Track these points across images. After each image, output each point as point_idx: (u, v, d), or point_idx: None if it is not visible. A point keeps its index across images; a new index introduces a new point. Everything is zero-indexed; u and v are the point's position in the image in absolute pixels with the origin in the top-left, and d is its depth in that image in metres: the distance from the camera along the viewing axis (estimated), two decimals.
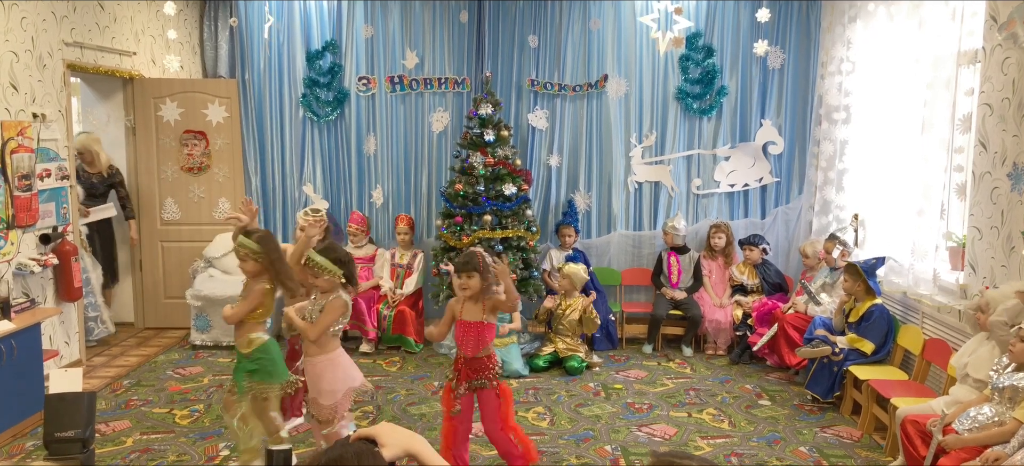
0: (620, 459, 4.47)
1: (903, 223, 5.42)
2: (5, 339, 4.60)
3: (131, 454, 4.38)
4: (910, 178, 5.28)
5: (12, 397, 4.62)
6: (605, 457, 4.50)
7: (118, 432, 4.79)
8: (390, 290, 6.67)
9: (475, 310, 3.88)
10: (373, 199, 7.20)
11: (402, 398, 5.44)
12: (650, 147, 7.09)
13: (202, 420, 4.99)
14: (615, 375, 6.00)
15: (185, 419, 5.01)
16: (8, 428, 4.64)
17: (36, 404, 4.81)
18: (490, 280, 3.84)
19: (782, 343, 5.86)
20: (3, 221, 5.06)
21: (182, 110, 6.97)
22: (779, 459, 4.47)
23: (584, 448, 4.62)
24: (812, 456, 4.53)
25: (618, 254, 7.19)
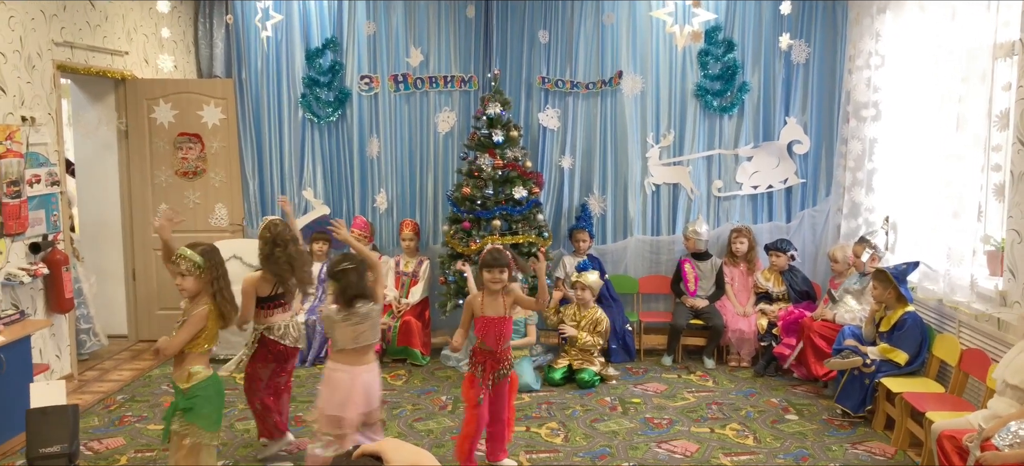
0: None
1: (937, 226, 5.39)
2: None
3: None
4: (944, 178, 5.26)
5: (1, 413, 4.66)
6: None
7: (111, 450, 4.82)
8: (395, 299, 6.69)
9: (498, 305, 4.27)
10: (376, 204, 7.22)
11: (408, 413, 5.45)
12: (668, 147, 7.09)
13: None
14: (633, 388, 6.00)
15: None
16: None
17: None
18: (514, 277, 4.33)
19: (810, 354, 5.84)
20: None
21: (176, 112, 7.03)
22: None
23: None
24: None
25: (635, 260, 7.19)
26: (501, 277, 4.26)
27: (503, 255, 4.28)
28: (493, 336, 4.29)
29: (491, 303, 4.29)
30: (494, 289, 4.26)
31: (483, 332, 4.31)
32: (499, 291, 4.27)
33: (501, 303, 4.29)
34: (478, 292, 4.39)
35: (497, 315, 4.29)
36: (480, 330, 4.32)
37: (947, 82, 5.29)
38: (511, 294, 4.31)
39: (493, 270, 4.24)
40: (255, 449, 4.81)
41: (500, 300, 4.29)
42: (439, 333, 7.15)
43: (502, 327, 4.30)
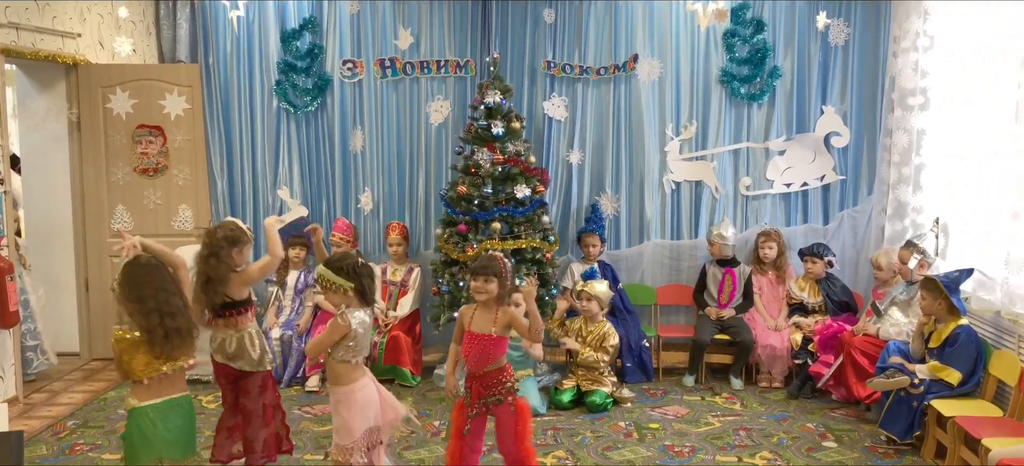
0: None
1: (994, 229, 5.39)
2: None
3: None
4: (1002, 175, 5.25)
5: None
6: None
7: None
8: (382, 312, 6.69)
9: (485, 320, 4.13)
10: (360, 205, 7.23)
11: (397, 441, 5.44)
12: (689, 140, 7.09)
13: None
14: (650, 412, 5.99)
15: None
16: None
17: None
18: (508, 288, 4.13)
19: (850, 373, 5.84)
20: None
21: (135, 101, 7.03)
22: None
23: None
24: None
25: (652, 268, 7.19)
26: (487, 287, 4.11)
27: (493, 262, 4.15)
28: (474, 355, 4.13)
29: (479, 316, 4.17)
30: (479, 299, 4.15)
31: (466, 350, 4.18)
32: (490, 304, 4.14)
33: (491, 318, 4.15)
34: (473, 304, 4.27)
35: (482, 332, 4.13)
36: (464, 347, 4.21)
37: (1005, 66, 5.29)
38: (506, 312, 4.16)
39: (478, 278, 4.12)
40: None
41: (491, 315, 4.15)
42: (431, 350, 7.15)
43: (485, 347, 4.11)
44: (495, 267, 4.11)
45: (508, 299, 4.19)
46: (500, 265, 4.14)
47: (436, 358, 7.01)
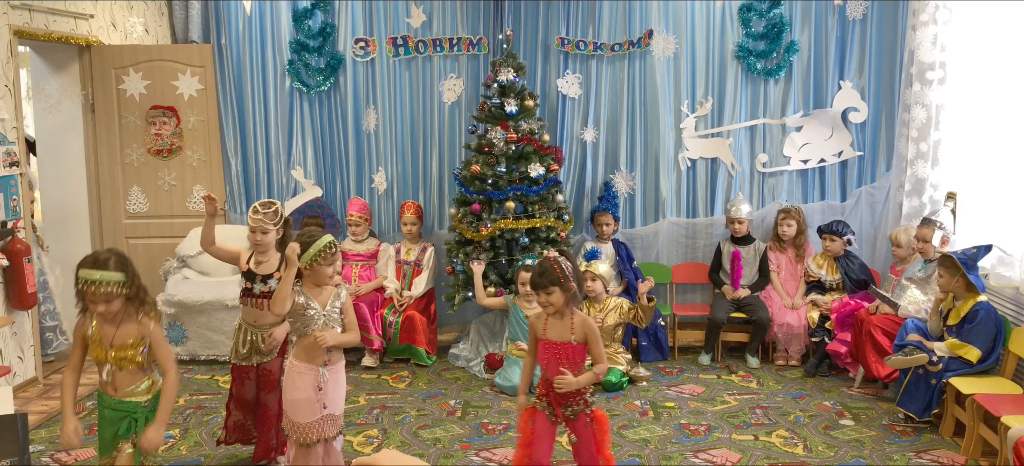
0: None
1: (1014, 204, 5.35)
2: None
3: None
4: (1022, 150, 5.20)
5: None
6: None
7: (81, 462, 4.88)
8: (396, 291, 6.72)
9: (562, 328, 3.90)
10: (374, 184, 7.24)
11: (412, 420, 5.48)
12: (705, 117, 7.06)
13: (178, 447, 5.07)
14: (666, 391, 6.00)
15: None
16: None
17: None
18: (574, 289, 3.88)
19: (869, 350, 5.82)
20: None
21: (148, 82, 7.06)
22: None
23: None
24: None
25: (668, 246, 7.18)
26: (551, 299, 3.86)
27: (549, 270, 3.86)
28: (553, 364, 3.90)
29: (553, 324, 3.92)
30: (548, 313, 3.92)
31: (545, 360, 3.95)
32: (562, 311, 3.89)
33: (567, 325, 3.90)
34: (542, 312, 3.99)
35: (561, 340, 3.89)
36: (542, 357, 3.97)
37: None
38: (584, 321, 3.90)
39: (539, 292, 3.88)
40: (241, 459, 4.85)
41: (566, 322, 3.90)
42: (446, 329, 7.18)
43: (570, 355, 3.88)
44: (552, 274, 3.85)
45: (580, 300, 4.01)
46: (556, 271, 3.86)
47: (451, 337, 7.04)
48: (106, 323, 3.54)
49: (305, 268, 3.98)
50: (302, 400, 4.00)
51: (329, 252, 3.98)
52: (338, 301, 4.08)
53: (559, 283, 3.83)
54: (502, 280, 6.39)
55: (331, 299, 4.06)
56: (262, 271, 4.51)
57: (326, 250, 3.97)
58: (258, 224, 4.44)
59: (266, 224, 4.44)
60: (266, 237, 4.49)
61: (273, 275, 4.47)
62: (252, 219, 4.47)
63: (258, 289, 4.51)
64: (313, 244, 3.96)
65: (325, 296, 4.06)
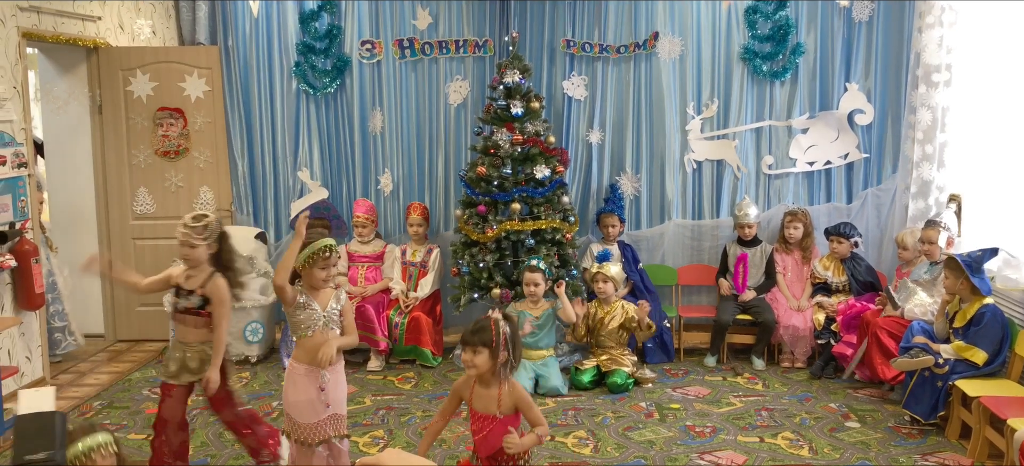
0: None
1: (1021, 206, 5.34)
2: None
3: None
4: None
5: None
6: None
7: None
8: (402, 293, 6.74)
9: (487, 399, 3.58)
10: (380, 186, 7.26)
11: (418, 420, 5.50)
12: (711, 119, 7.06)
13: None
14: (671, 393, 6.01)
15: None
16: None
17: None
18: (505, 359, 3.54)
19: (875, 353, 5.82)
20: None
21: (155, 84, 7.09)
22: None
23: None
24: None
25: (673, 248, 7.18)
26: (476, 360, 3.52)
27: (484, 330, 3.53)
28: (482, 439, 3.58)
29: (479, 393, 3.59)
30: (469, 373, 3.60)
31: (475, 431, 3.65)
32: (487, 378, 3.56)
33: (494, 396, 3.56)
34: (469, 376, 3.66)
35: (488, 413, 3.57)
36: (472, 427, 3.67)
37: None
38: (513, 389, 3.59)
39: (466, 349, 3.55)
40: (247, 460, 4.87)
41: (494, 393, 3.56)
42: (452, 330, 7.19)
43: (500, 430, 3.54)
44: (485, 335, 3.52)
45: (507, 371, 3.59)
46: (491, 332, 3.53)
47: (456, 339, 7.03)
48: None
49: (300, 268, 3.98)
50: (304, 402, 4.01)
51: (322, 255, 3.95)
52: (338, 303, 4.07)
53: (489, 346, 3.50)
54: (508, 282, 6.40)
55: (331, 300, 4.06)
56: (188, 286, 4.29)
57: (320, 253, 3.94)
58: (185, 238, 4.22)
59: (193, 239, 4.20)
60: (194, 252, 4.23)
61: (196, 291, 4.25)
62: (180, 233, 4.24)
63: (182, 304, 4.31)
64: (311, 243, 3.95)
65: (325, 297, 4.05)
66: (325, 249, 3.96)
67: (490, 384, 3.57)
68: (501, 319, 3.60)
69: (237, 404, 4.54)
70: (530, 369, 5.96)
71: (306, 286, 4.02)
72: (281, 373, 6.42)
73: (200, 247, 4.21)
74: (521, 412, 3.60)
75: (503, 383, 3.57)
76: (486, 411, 3.57)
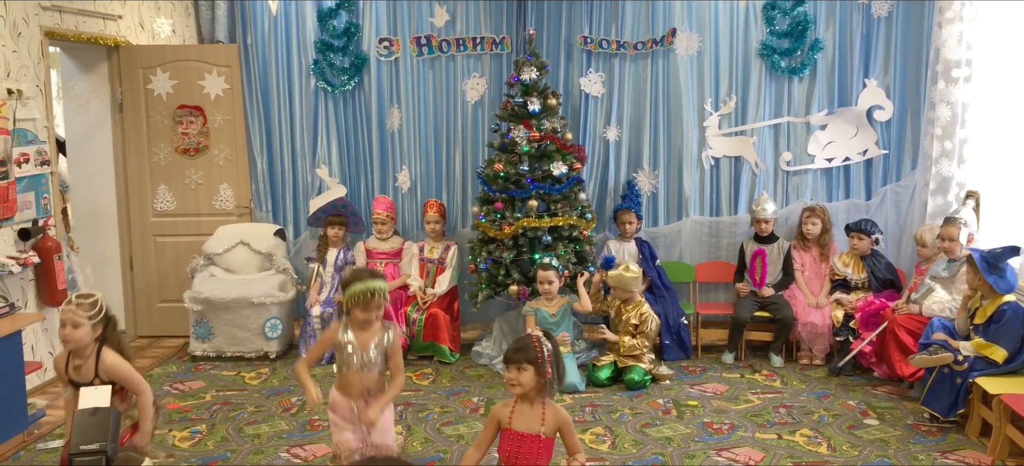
0: None
1: None
2: None
3: None
4: None
5: None
6: None
7: None
8: (420, 289, 6.77)
9: (531, 417, 3.52)
10: (398, 183, 7.29)
11: (436, 417, 5.53)
12: (729, 115, 7.05)
13: (205, 442, 5.14)
14: (689, 389, 6.01)
15: (185, 441, 5.16)
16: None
17: (19, 423, 5.02)
18: (549, 375, 3.50)
19: (893, 350, 5.80)
20: None
21: (175, 82, 7.16)
22: None
23: None
24: None
25: (691, 245, 7.18)
26: (519, 377, 3.47)
27: (529, 347, 3.48)
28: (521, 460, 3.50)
29: (521, 412, 3.53)
30: (514, 393, 3.53)
31: (508, 453, 3.54)
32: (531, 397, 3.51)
33: (535, 413, 3.52)
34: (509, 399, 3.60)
35: (529, 431, 3.51)
36: (503, 448, 3.56)
37: None
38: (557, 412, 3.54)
39: (509, 367, 3.50)
40: (267, 456, 4.92)
41: (538, 411, 3.52)
42: (469, 327, 7.22)
43: (537, 449, 3.48)
44: (530, 352, 3.47)
45: (552, 390, 3.57)
46: (536, 349, 3.47)
47: (474, 335, 7.09)
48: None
49: (346, 304, 3.88)
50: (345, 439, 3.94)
51: (363, 298, 3.80)
52: (384, 344, 3.92)
53: (535, 363, 3.45)
54: (525, 278, 6.42)
55: (374, 340, 3.91)
56: (82, 378, 3.79)
57: (360, 296, 3.80)
58: (68, 317, 3.72)
59: (78, 317, 3.73)
60: (77, 332, 3.72)
61: (94, 382, 3.77)
62: (63, 312, 3.76)
63: None
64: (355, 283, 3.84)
65: (369, 336, 3.90)
66: (367, 292, 3.80)
67: (534, 402, 3.52)
68: (543, 336, 3.55)
69: None
70: None
71: (352, 322, 3.91)
72: None
73: (84, 327, 3.74)
74: (562, 435, 3.54)
75: (546, 403, 3.54)
76: (528, 430, 3.50)
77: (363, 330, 3.89)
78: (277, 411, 5.65)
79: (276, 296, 6.69)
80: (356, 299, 3.82)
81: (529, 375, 3.45)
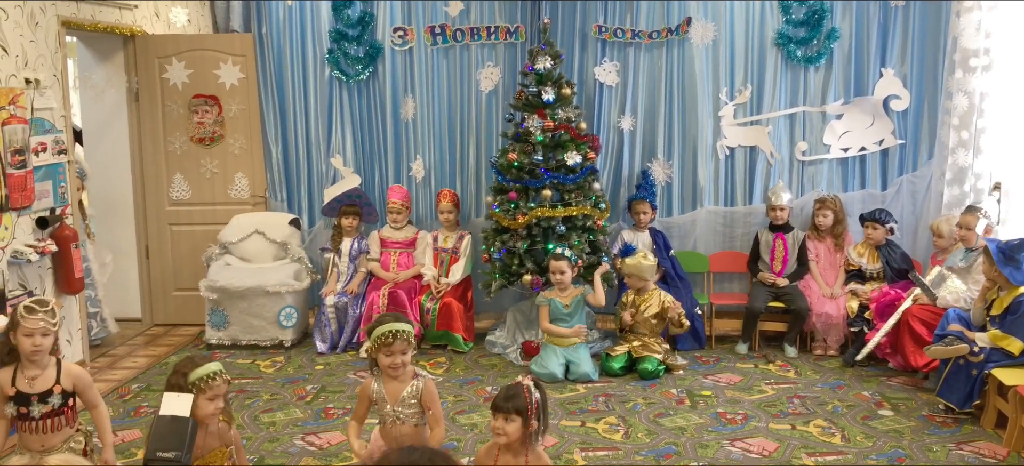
0: None
1: None
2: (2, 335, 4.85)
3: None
4: None
5: None
6: None
7: (128, 443, 5.03)
8: (433, 279, 6.80)
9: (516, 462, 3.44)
10: (412, 172, 7.31)
11: (450, 405, 5.56)
12: (744, 105, 7.03)
13: None
14: (702, 380, 6.02)
15: None
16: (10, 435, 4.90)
17: None
18: (536, 428, 3.42)
19: (908, 340, 5.79)
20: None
21: (190, 71, 7.20)
22: None
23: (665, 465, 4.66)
24: None
25: (705, 235, 7.17)
26: (507, 428, 3.38)
27: (518, 396, 3.39)
28: None
29: (506, 463, 3.47)
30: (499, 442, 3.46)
31: None
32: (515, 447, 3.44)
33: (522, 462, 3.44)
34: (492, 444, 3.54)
35: None
36: None
37: None
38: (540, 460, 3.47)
39: (497, 416, 3.41)
40: (282, 443, 4.97)
41: (521, 461, 3.45)
42: (483, 316, 7.25)
43: None
44: (519, 402, 3.38)
45: (536, 439, 3.46)
46: (525, 399, 3.39)
47: (487, 324, 7.11)
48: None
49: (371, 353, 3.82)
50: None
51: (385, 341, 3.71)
52: (416, 393, 3.80)
53: (523, 413, 3.37)
54: (538, 268, 6.44)
55: (405, 391, 3.80)
56: (37, 389, 3.68)
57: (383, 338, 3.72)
58: (38, 325, 3.60)
59: (48, 325, 3.62)
60: (46, 340, 3.63)
61: (54, 389, 3.69)
62: (29, 321, 3.59)
63: (37, 411, 3.69)
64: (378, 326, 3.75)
65: (397, 387, 3.81)
66: (388, 334, 3.72)
67: (517, 453, 3.46)
68: (532, 385, 3.46)
69: None
70: (561, 355, 6.00)
71: (382, 373, 3.83)
72: (315, 357, 6.53)
73: (52, 335, 3.65)
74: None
75: (529, 454, 3.46)
76: None
77: (392, 379, 3.79)
78: (292, 399, 5.70)
79: (291, 285, 6.74)
80: (378, 343, 3.73)
81: (516, 425, 3.39)
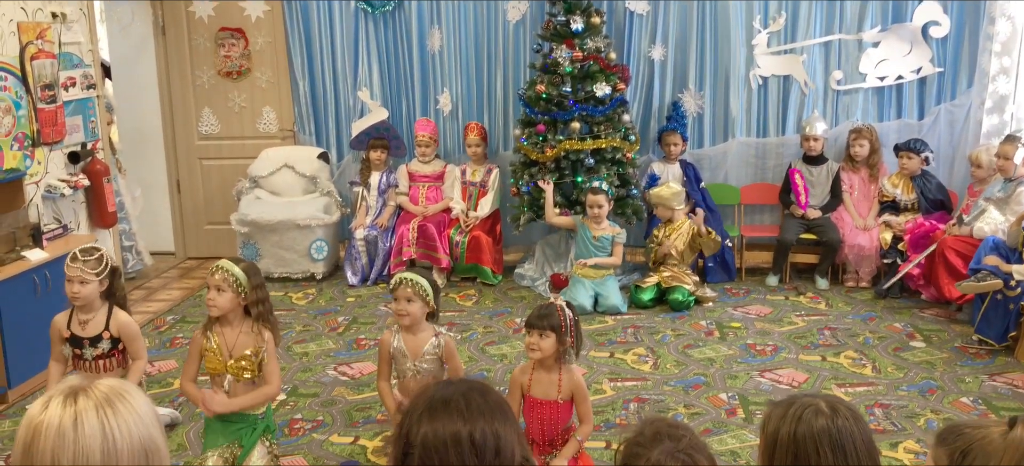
0: (738, 408, 4.54)
1: None
2: (39, 269, 4.97)
3: (179, 397, 4.71)
4: None
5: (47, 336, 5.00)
6: (720, 407, 4.59)
7: (164, 372, 5.16)
8: (462, 212, 6.83)
9: (548, 384, 3.55)
10: (440, 105, 7.29)
11: (479, 336, 5.63)
12: (778, 33, 6.91)
13: None
14: (732, 312, 6.03)
15: None
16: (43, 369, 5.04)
17: None
18: (569, 344, 3.53)
19: (942, 272, 5.75)
20: (28, 137, 5.40)
21: (216, 4, 7.19)
22: (935, 411, 4.46)
23: (694, 396, 4.72)
24: (977, 408, 4.49)
25: (737, 166, 7.11)
26: (542, 344, 3.47)
27: (552, 314, 3.48)
28: (539, 426, 3.58)
29: (539, 378, 3.56)
30: (532, 357, 3.54)
31: (528, 418, 3.61)
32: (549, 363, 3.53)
33: (553, 380, 3.55)
34: (527, 364, 3.65)
35: (546, 398, 3.55)
36: (525, 413, 3.61)
37: None
38: (572, 376, 3.56)
39: (531, 332, 3.49)
40: (315, 373, 5.07)
41: (555, 378, 3.55)
42: (512, 249, 7.28)
43: (554, 415, 3.56)
44: (553, 319, 3.47)
45: (570, 357, 3.59)
46: (559, 316, 3.48)
47: (516, 258, 7.15)
48: (224, 327, 3.52)
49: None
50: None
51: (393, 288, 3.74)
52: (437, 349, 3.75)
53: (558, 331, 3.46)
54: (567, 201, 6.44)
55: (428, 345, 3.75)
56: (89, 333, 3.80)
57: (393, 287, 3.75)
58: (75, 273, 3.68)
59: (86, 274, 3.69)
60: (85, 289, 3.70)
61: (103, 335, 3.81)
62: (70, 268, 3.71)
63: (89, 354, 3.84)
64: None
65: (418, 343, 3.76)
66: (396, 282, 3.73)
67: (551, 369, 3.55)
68: (565, 305, 3.55)
69: None
70: (590, 287, 6.03)
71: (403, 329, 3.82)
72: (346, 290, 6.62)
73: (92, 284, 3.72)
74: (575, 401, 3.57)
75: (563, 370, 3.56)
76: (545, 396, 3.55)
77: (408, 332, 3.77)
78: (324, 330, 5.80)
79: (321, 218, 6.80)
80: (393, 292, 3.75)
81: (550, 342, 3.46)
